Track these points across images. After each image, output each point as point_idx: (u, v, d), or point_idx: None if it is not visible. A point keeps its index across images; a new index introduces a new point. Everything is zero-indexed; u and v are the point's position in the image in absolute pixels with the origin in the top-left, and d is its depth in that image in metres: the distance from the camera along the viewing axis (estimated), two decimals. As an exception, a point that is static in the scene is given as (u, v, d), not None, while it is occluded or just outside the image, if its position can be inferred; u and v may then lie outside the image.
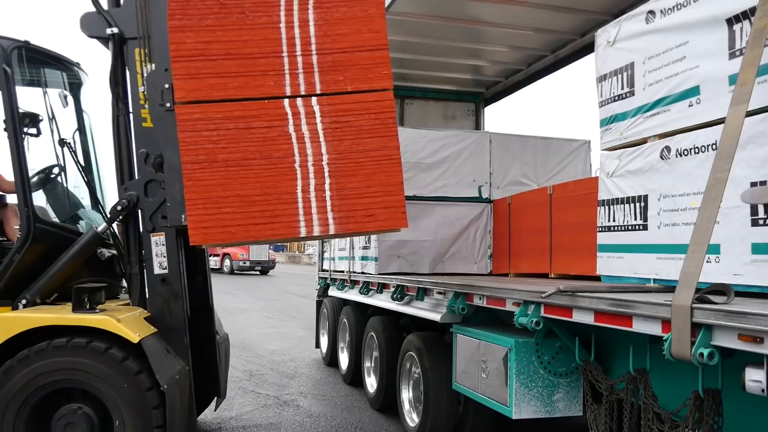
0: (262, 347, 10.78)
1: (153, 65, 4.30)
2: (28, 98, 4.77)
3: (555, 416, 4.11)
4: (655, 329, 2.90)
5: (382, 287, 6.51)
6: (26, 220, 4.46)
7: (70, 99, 5.26)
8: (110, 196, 5.35)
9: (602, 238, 4.09)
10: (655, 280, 3.61)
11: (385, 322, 6.69)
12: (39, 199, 4.95)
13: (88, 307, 4.21)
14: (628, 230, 3.85)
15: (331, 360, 8.97)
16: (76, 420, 4.07)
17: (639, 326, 3.00)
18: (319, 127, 3.83)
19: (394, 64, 4.31)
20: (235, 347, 9.84)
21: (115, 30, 4.53)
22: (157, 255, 4.45)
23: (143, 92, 4.37)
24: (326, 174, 3.81)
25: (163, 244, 4.45)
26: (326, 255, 9.08)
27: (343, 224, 3.82)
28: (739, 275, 3.02)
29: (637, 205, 3.77)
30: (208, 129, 3.77)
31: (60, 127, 5.07)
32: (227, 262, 30.89)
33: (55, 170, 5.14)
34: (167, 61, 3.97)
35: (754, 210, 2.95)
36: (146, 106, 4.33)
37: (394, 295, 5.95)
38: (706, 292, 2.71)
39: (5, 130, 4.53)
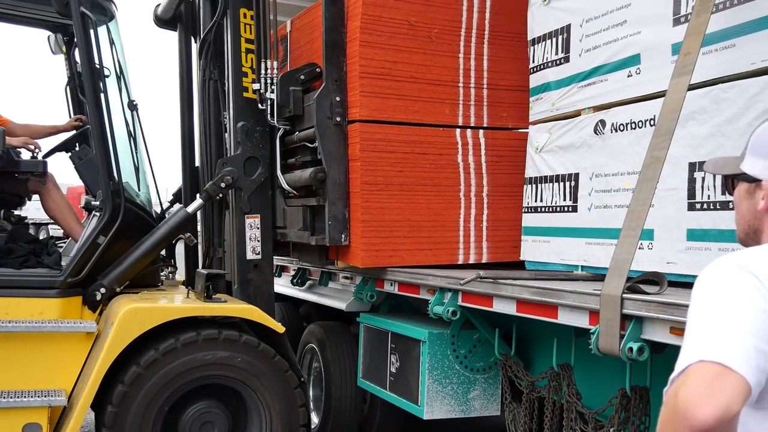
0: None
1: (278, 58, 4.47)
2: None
3: (470, 416, 4.17)
4: (581, 321, 2.96)
5: (281, 270, 6.40)
6: (111, 196, 4.19)
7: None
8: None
9: (527, 220, 4.15)
10: (583, 267, 3.68)
11: (283, 309, 6.59)
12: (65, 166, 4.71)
13: (209, 295, 4.13)
14: (556, 212, 3.91)
15: (220, 352, 8.78)
16: (214, 419, 4.03)
17: (564, 317, 3.06)
18: (483, 159, 4.46)
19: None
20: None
21: None
22: (251, 239, 4.54)
23: (276, 67, 4.42)
24: (485, 205, 4.45)
25: (258, 227, 4.54)
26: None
27: (494, 254, 4.47)
28: (673, 263, 3.11)
29: (567, 184, 3.83)
30: (387, 151, 4.23)
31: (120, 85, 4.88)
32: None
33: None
34: (335, 71, 4.27)
35: (691, 193, 3.04)
36: (247, 74, 4.52)
37: (295, 280, 5.87)
38: (638, 282, 2.77)
39: (69, 85, 4.36)
